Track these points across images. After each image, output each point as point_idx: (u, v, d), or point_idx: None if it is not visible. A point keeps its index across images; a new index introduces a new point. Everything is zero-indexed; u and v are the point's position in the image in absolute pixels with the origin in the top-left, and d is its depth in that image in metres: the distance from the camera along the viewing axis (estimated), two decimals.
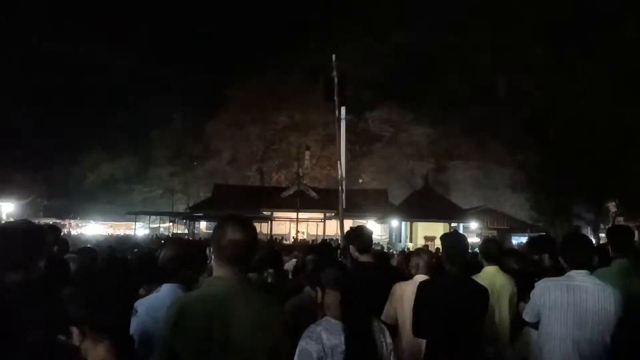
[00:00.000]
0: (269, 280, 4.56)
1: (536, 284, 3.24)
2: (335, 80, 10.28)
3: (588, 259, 3.16)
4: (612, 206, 27.45)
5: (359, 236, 4.19)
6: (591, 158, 21.38)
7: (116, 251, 6.10)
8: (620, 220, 26.17)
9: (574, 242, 3.25)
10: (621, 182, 21.73)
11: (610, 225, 25.26)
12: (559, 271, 3.56)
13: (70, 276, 2.92)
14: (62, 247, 4.83)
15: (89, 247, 5.54)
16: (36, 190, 44.14)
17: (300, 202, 25.71)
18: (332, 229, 25.70)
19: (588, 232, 25.70)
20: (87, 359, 1.63)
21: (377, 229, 27.90)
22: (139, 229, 31.70)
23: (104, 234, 26.72)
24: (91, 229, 33.45)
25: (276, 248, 10.32)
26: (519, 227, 28.21)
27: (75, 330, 1.59)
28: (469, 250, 6.11)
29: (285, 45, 45.33)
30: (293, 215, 26.34)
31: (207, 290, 2.10)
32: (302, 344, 2.16)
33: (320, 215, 28.48)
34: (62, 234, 5.93)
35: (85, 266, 4.59)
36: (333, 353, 2.17)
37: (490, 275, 4.14)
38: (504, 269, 4.58)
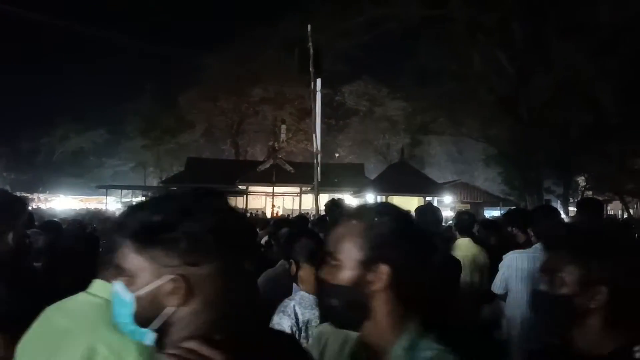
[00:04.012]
0: None
1: (504, 256, 3.27)
2: (311, 51, 10.15)
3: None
4: (581, 180, 28.23)
5: (336, 208, 4.21)
6: (561, 133, 21.79)
7: (85, 225, 5.92)
8: (589, 194, 26.97)
9: (543, 214, 3.28)
10: (590, 157, 22.27)
11: (579, 198, 26.02)
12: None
13: (31, 252, 2.79)
14: (27, 221, 4.65)
15: (54, 220, 5.35)
16: (2, 163, 42.81)
17: (276, 176, 25.58)
18: (309, 203, 25.71)
19: (558, 205, 26.40)
20: None
21: (353, 203, 28.06)
22: (111, 203, 31.15)
23: (75, 208, 26.14)
24: (60, 202, 32.66)
25: (253, 222, 10.25)
26: (492, 201, 28.79)
27: None
28: (443, 223, 6.15)
29: (261, 17, 44.45)
30: (269, 189, 26.23)
31: None
32: (276, 319, 2.12)
33: (296, 189, 28.43)
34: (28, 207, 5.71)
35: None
36: (307, 327, 2.14)
37: (463, 247, 4.18)
38: (479, 240, 4.63)
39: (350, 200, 27.73)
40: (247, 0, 57.59)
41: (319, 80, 9.09)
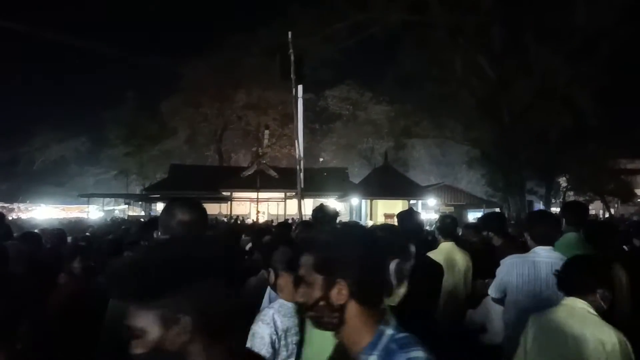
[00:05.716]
0: None
1: (502, 261, 3.28)
2: (292, 58, 10.15)
3: (554, 235, 3.22)
4: (562, 181, 28.67)
5: (319, 213, 4.21)
6: (542, 136, 22.13)
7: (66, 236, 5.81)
8: (570, 194, 27.41)
9: (541, 219, 3.31)
10: (570, 159, 22.64)
11: (561, 199, 26.45)
12: (508, 248, 3.63)
13: (7, 264, 2.74)
14: (4, 233, 4.56)
15: (34, 232, 5.25)
16: None
17: (260, 181, 25.48)
18: (293, 208, 25.63)
19: (540, 206, 26.78)
20: None
21: (338, 207, 28.06)
22: (93, 212, 30.75)
23: (56, 217, 25.73)
24: (41, 212, 32.12)
25: (237, 228, 10.20)
26: (475, 203, 29.03)
27: None
28: (425, 227, 6.18)
29: (244, 23, 44.39)
30: (253, 195, 26.10)
31: None
32: (255, 327, 2.12)
33: (280, 194, 28.37)
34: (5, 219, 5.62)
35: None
36: (286, 335, 2.15)
37: (446, 251, 4.19)
38: (461, 243, 4.65)
39: (335, 204, 27.78)
40: (229, 6, 57.63)
41: (300, 87, 9.12)
